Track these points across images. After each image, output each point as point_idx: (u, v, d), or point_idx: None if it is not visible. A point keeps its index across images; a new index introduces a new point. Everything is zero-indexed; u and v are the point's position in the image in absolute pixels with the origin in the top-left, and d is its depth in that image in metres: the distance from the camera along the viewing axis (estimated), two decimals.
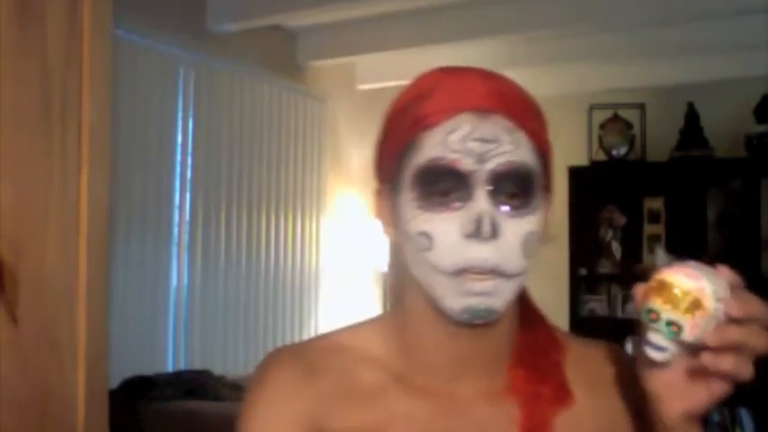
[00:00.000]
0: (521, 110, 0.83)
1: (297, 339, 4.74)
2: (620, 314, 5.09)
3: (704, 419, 0.79)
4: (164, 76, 3.97)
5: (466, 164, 0.79)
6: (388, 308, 0.97)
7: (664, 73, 4.89)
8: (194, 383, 3.51)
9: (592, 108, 5.13)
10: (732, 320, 0.72)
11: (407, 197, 0.82)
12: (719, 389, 0.75)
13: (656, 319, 0.73)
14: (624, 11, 4.03)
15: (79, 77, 1.19)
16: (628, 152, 5.09)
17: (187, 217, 4.09)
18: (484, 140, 0.80)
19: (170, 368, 3.94)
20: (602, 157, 5.11)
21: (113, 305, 3.35)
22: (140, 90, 3.80)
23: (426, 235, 0.80)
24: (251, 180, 4.49)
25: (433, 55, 4.70)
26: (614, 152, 5.10)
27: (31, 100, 1.13)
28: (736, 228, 4.83)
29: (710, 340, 0.72)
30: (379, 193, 0.89)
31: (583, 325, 4.82)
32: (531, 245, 0.81)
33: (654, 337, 0.74)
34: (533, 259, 0.82)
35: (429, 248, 0.80)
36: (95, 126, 1.20)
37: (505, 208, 0.80)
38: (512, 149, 0.80)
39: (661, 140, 4.98)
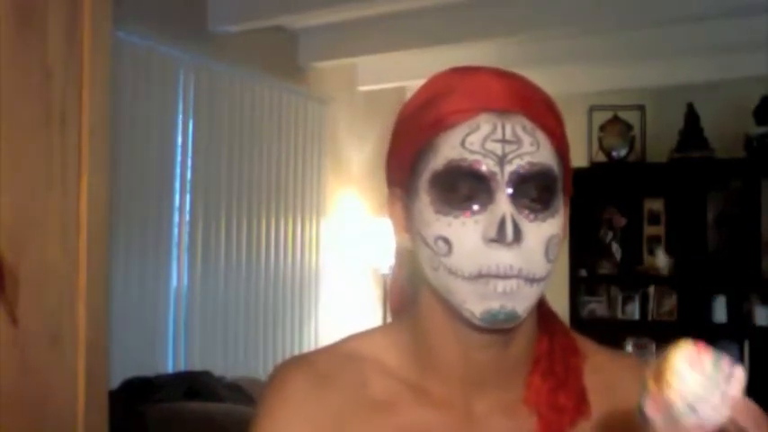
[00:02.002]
0: (540, 109, 0.81)
1: (297, 340, 4.76)
2: (620, 315, 5.10)
3: None
4: (164, 78, 3.97)
5: (487, 165, 0.76)
6: (389, 315, 0.95)
7: (663, 74, 4.89)
8: (194, 384, 3.51)
9: (592, 109, 5.14)
10: None
11: (424, 201, 0.79)
12: None
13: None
14: (624, 12, 4.03)
15: (79, 79, 1.19)
16: (628, 153, 5.09)
17: (187, 218, 4.09)
18: (505, 141, 0.77)
19: (170, 369, 3.94)
20: (602, 158, 5.11)
21: (113, 306, 3.35)
22: (141, 91, 3.80)
23: (445, 240, 0.77)
24: (251, 181, 4.48)
25: (434, 56, 4.70)
26: (614, 153, 5.10)
27: (31, 101, 1.13)
28: (736, 228, 4.83)
29: None
30: (392, 198, 0.86)
31: (583, 326, 4.82)
32: (554, 249, 0.78)
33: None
34: (555, 263, 0.80)
35: (448, 254, 0.77)
36: (95, 127, 1.20)
37: (527, 212, 0.77)
38: (533, 150, 0.78)
39: (661, 141, 4.99)
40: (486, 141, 0.77)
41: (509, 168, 0.76)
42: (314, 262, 4.92)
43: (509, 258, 0.75)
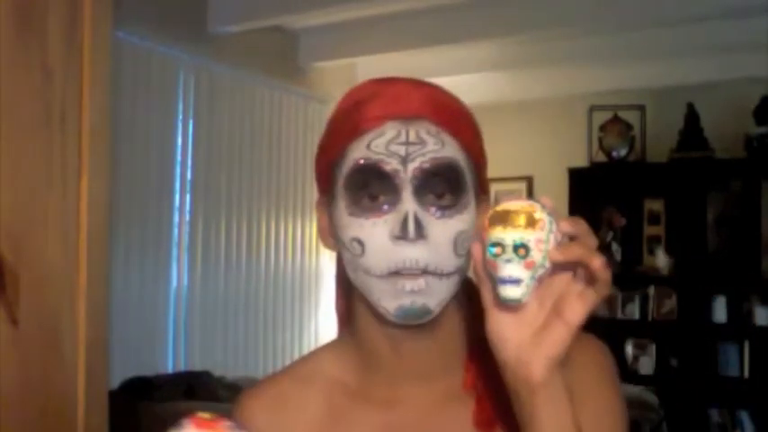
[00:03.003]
0: (448, 114, 0.83)
1: (297, 340, 4.76)
2: (620, 315, 5.10)
3: (704, 421, 0.76)
4: (164, 78, 3.97)
5: (390, 165, 0.80)
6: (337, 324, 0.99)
7: (664, 74, 4.89)
8: (194, 384, 3.51)
9: (592, 109, 5.14)
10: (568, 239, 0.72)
11: (341, 206, 0.83)
12: (576, 311, 0.74)
13: (504, 249, 0.71)
14: (624, 12, 4.04)
15: (79, 79, 1.19)
16: (628, 153, 5.09)
17: (187, 218, 4.10)
18: (408, 143, 0.81)
19: (170, 369, 3.94)
20: (602, 158, 5.11)
21: (114, 305, 3.35)
22: (141, 92, 3.80)
23: (358, 241, 0.81)
24: (251, 181, 4.49)
25: (434, 56, 4.70)
26: (614, 153, 5.10)
27: (31, 101, 1.13)
28: (736, 229, 4.83)
29: (556, 256, 0.70)
30: (319, 205, 0.91)
31: (582, 326, 4.81)
32: (464, 244, 0.81)
33: (505, 269, 0.71)
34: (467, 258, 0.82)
35: (362, 254, 0.81)
36: (96, 127, 1.20)
37: (434, 209, 0.80)
38: (437, 149, 0.81)
39: (661, 141, 4.99)
40: (390, 144, 0.81)
41: (412, 165, 0.80)
42: (314, 262, 4.92)
43: (415, 254, 0.79)
